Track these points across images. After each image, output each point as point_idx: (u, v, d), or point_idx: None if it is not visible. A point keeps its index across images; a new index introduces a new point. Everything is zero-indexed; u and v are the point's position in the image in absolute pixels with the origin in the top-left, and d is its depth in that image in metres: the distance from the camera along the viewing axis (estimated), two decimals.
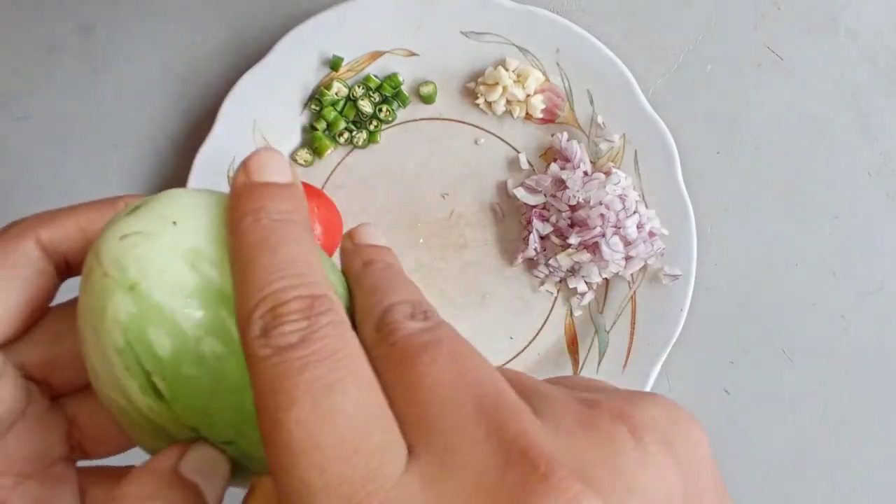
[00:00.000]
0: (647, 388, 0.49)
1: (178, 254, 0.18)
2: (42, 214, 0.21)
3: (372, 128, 0.52)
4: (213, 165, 0.50)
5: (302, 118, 0.52)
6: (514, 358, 0.52)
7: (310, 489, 0.15)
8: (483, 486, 0.15)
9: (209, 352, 0.17)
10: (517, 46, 0.51)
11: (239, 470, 0.19)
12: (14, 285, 0.20)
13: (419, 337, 0.18)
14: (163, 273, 0.17)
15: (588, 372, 0.51)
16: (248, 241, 0.18)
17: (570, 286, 0.51)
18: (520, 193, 0.51)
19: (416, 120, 0.53)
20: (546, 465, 0.15)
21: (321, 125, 0.51)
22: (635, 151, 0.51)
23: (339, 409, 0.16)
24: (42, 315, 0.22)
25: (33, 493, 0.21)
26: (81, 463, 0.24)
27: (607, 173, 0.50)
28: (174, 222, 0.18)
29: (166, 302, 0.17)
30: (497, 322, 0.52)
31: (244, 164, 0.20)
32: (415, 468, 0.16)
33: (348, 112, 0.51)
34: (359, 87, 0.51)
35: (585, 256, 0.50)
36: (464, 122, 0.53)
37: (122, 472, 0.23)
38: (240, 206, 0.19)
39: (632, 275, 0.51)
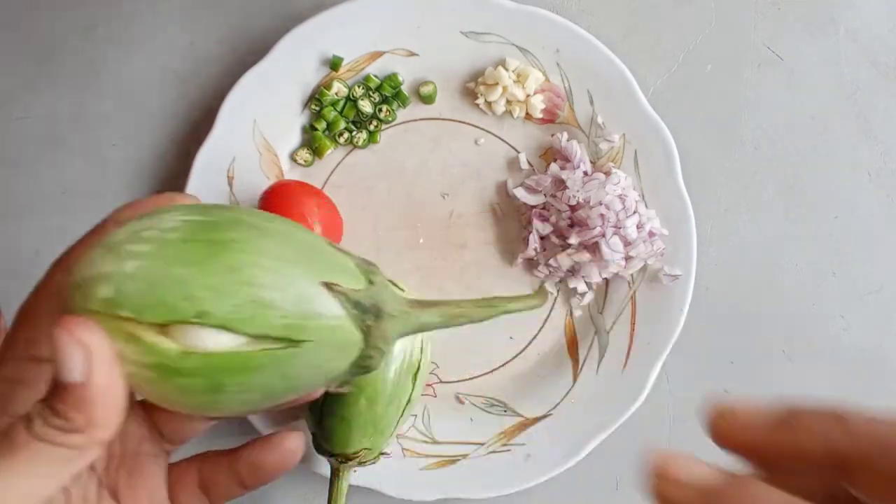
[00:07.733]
0: (647, 388, 0.49)
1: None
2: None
3: (372, 128, 0.52)
4: (213, 165, 0.50)
5: (302, 118, 0.52)
6: (515, 358, 0.52)
7: None
8: None
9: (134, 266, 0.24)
10: (517, 46, 0.51)
11: None
12: None
13: None
14: None
15: (588, 372, 0.51)
16: None
17: (570, 286, 0.51)
18: (520, 193, 0.51)
19: (416, 120, 0.53)
20: None
21: (321, 125, 0.51)
22: (635, 151, 0.51)
23: None
24: None
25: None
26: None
27: (607, 173, 0.50)
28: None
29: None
30: (497, 322, 0.51)
31: None
32: None
33: (348, 112, 0.51)
34: (359, 87, 0.51)
35: (585, 256, 0.49)
36: (464, 122, 0.53)
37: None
38: None
39: (632, 275, 0.51)
